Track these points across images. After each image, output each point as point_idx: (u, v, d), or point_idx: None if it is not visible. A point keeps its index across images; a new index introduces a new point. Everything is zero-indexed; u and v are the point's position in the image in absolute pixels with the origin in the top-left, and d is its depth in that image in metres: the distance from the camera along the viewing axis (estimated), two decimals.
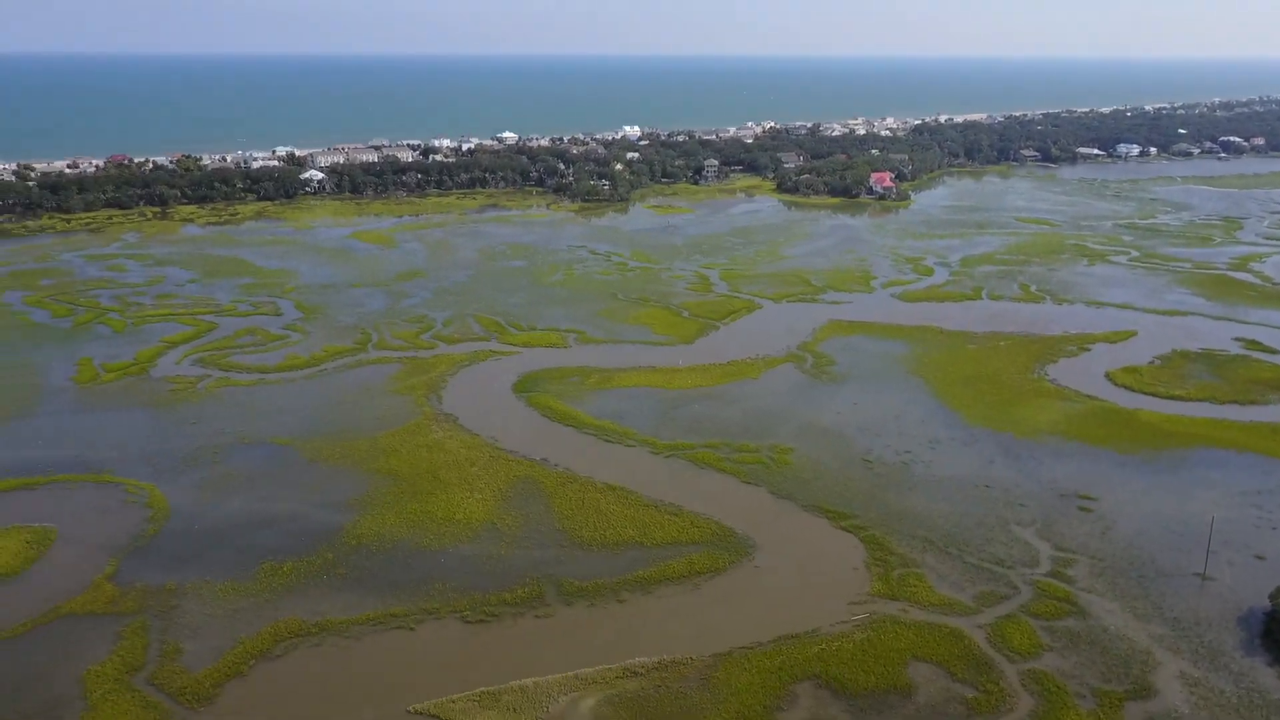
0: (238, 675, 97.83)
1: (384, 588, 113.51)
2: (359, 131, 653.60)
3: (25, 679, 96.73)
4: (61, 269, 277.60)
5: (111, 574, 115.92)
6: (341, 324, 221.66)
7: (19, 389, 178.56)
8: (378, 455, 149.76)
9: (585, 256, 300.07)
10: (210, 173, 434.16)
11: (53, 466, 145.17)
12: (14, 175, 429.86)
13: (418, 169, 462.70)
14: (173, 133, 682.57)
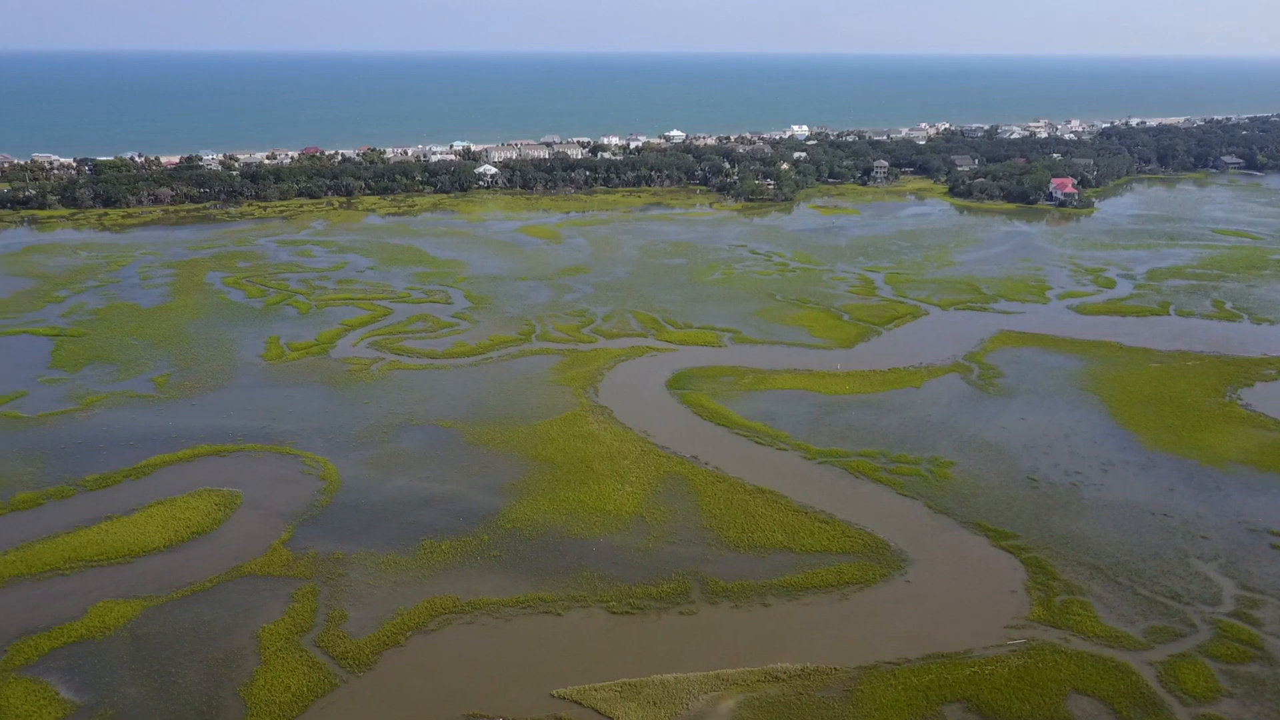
0: (395, 645, 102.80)
1: (535, 572, 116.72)
2: (532, 128, 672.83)
3: (210, 630, 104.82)
4: (257, 253, 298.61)
5: (287, 539, 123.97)
6: (507, 315, 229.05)
7: (217, 363, 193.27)
8: (535, 443, 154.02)
9: (745, 256, 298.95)
10: (392, 165, 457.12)
11: (242, 436, 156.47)
12: (221, 165, 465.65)
13: (586, 166, 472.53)
14: (361, 128, 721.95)
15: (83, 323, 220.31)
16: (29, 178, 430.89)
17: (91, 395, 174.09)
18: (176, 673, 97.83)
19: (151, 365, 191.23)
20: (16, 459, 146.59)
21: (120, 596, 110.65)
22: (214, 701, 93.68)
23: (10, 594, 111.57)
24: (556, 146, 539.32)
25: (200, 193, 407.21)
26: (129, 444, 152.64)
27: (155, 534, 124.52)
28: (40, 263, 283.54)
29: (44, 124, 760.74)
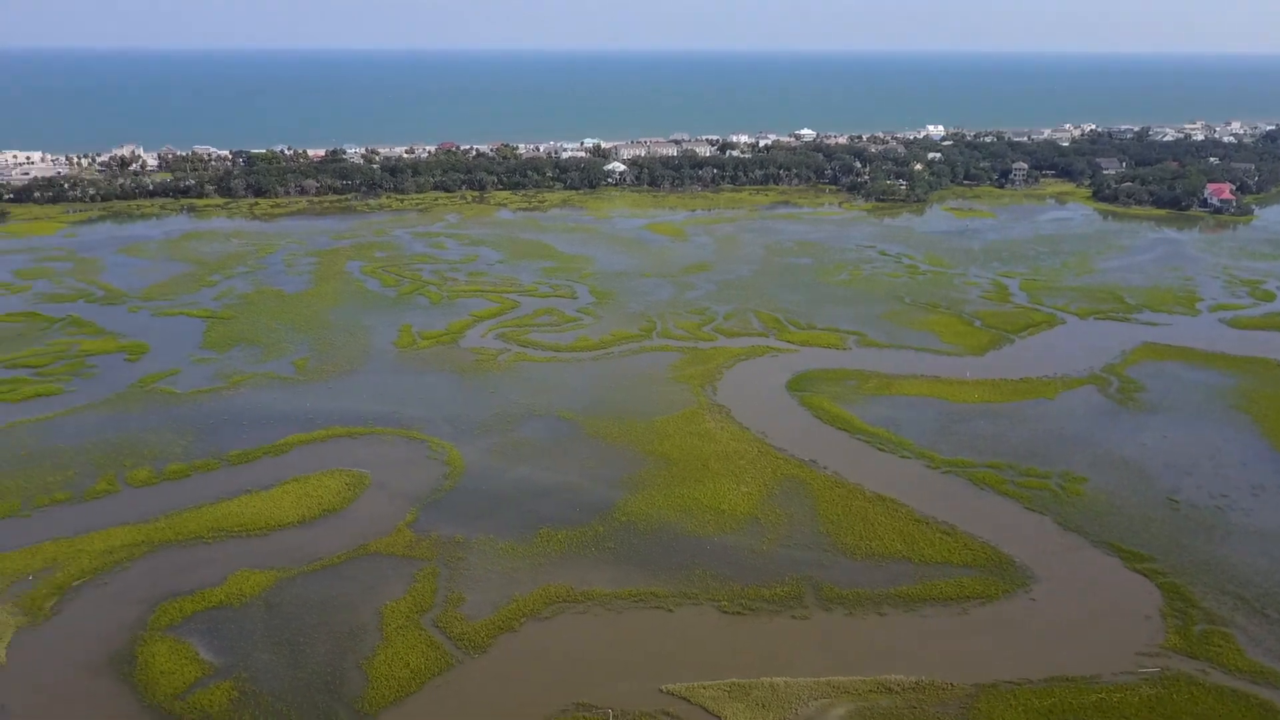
0: (510, 630, 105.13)
1: (648, 567, 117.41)
2: (661, 126, 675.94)
3: (337, 604, 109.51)
4: (393, 244, 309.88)
5: (412, 521, 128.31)
6: (630, 311, 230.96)
7: (352, 348, 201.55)
8: (653, 438, 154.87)
9: (874, 257, 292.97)
10: (524, 161, 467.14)
11: (373, 419, 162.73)
12: (362, 158, 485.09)
13: (714, 164, 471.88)
14: (496, 124, 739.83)
15: (232, 306, 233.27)
16: (189, 168, 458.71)
17: (237, 375, 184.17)
18: (305, 642, 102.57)
19: (292, 349, 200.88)
20: (169, 432, 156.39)
21: (256, 566, 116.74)
22: (338, 673, 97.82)
23: (159, 558, 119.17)
24: (685, 144, 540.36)
25: (343, 185, 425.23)
26: (269, 423, 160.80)
27: (290, 509, 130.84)
28: (196, 248, 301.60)
29: (204, 118, 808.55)
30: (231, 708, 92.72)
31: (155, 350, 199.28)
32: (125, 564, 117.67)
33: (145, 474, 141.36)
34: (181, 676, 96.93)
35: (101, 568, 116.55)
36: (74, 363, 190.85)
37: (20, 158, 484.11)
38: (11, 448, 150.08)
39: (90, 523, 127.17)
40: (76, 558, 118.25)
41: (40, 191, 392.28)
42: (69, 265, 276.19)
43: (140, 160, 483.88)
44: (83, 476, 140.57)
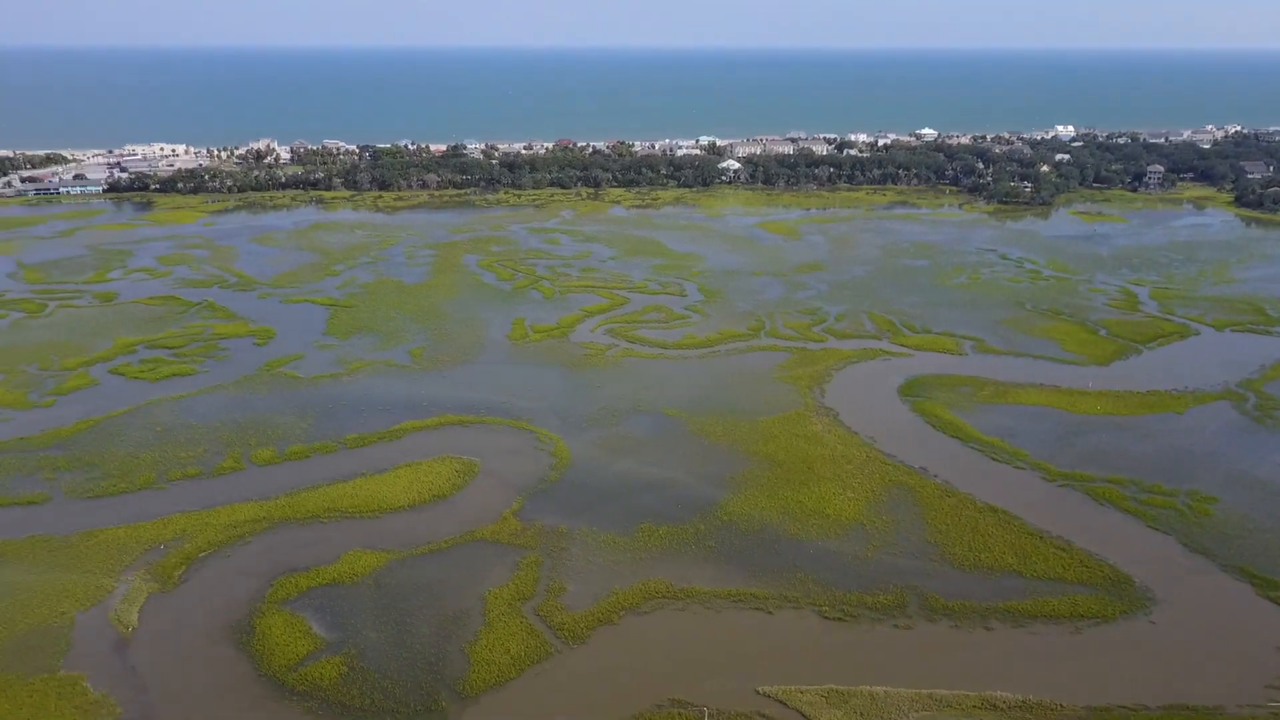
0: (608, 622, 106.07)
1: (748, 568, 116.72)
2: (778, 124, 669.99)
3: (443, 587, 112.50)
4: (509, 238, 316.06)
5: (518, 510, 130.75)
6: (739, 309, 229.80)
7: (468, 339, 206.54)
8: (757, 439, 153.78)
9: (994, 261, 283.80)
10: (639, 159, 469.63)
11: (484, 409, 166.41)
12: (482, 154, 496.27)
13: (830, 162, 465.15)
14: (613, 121, 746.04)
15: (354, 295, 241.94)
16: (319, 162, 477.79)
17: (357, 362, 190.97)
18: (411, 623, 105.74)
19: (409, 338, 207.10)
20: (292, 415, 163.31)
21: (368, 547, 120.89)
22: (441, 655, 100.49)
23: (278, 534, 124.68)
24: (801, 142, 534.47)
25: (463, 179, 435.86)
26: (385, 409, 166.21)
27: (402, 493, 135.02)
28: (323, 239, 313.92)
29: (334, 113, 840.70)
30: (340, 682, 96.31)
31: (282, 336, 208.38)
32: (247, 538, 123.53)
33: (269, 453, 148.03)
34: (295, 649, 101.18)
35: (226, 541, 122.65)
36: (208, 345, 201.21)
37: (166, 150, 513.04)
38: (150, 424, 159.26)
39: (217, 498, 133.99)
40: (204, 530, 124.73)
41: (183, 182, 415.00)
42: (206, 253, 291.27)
43: (274, 154, 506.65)
44: (212, 454, 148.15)
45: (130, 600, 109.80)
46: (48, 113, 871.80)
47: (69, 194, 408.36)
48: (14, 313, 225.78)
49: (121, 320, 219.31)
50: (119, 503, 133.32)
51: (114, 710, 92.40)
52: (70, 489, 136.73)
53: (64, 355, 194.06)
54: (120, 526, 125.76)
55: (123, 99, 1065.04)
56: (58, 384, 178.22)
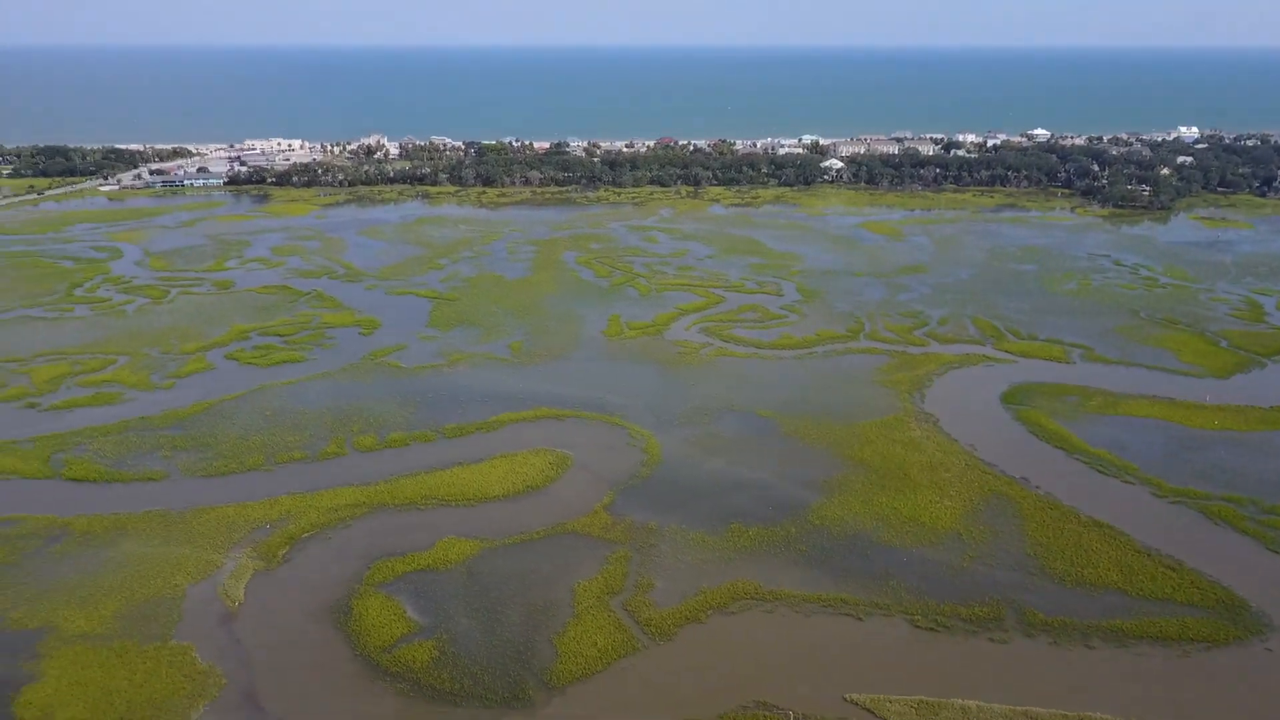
0: (695, 621, 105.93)
1: (840, 573, 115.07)
2: (883, 123, 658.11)
3: (534, 578, 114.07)
4: (608, 236, 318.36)
5: (608, 504, 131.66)
6: (837, 310, 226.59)
7: (564, 335, 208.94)
8: (852, 442, 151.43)
9: (1107, 266, 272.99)
10: (740, 157, 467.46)
11: (578, 403, 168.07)
12: (584, 152, 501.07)
13: (936, 163, 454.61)
14: (714, 119, 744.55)
15: (456, 289, 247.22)
16: (426, 157, 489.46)
17: (457, 353, 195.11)
18: (501, 611, 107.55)
19: (509, 332, 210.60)
20: (393, 403, 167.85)
21: (462, 535, 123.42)
22: (530, 644, 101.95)
23: (377, 519, 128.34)
24: (907, 142, 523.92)
25: (564, 176, 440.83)
26: (483, 400, 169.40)
27: (496, 483, 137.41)
28: (428, 233, 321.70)
29: (441, 110, 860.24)
30: (431, 665, 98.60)
31: (386, 326, 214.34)
32: (348, 522, 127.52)
33: (370, 440, 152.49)
34: (389, 631, 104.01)
35: (328, 523, 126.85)
36: (316, 333, 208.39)
37: (283, 145, 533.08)
38: (260, 408, 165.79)
39: (321, 481, 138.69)
40: (307, 512, 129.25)
41: (297, 176, 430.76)
42: (317, 244, 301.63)
43: (384, 149, 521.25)
44: (317, 438, 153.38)
45: (237, 576, 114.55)
46: (175, 109, 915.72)
47: (192, 186, 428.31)
48: (140, 298, 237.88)
49: (237, 307, 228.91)
50: (230, 482, 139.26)
51: (219, 681, 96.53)
52: (186, 467, 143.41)
53: (183, 340, 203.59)
54: (230, 505, 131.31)
55: (245, 96, 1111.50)
56: (177, 367, 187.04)
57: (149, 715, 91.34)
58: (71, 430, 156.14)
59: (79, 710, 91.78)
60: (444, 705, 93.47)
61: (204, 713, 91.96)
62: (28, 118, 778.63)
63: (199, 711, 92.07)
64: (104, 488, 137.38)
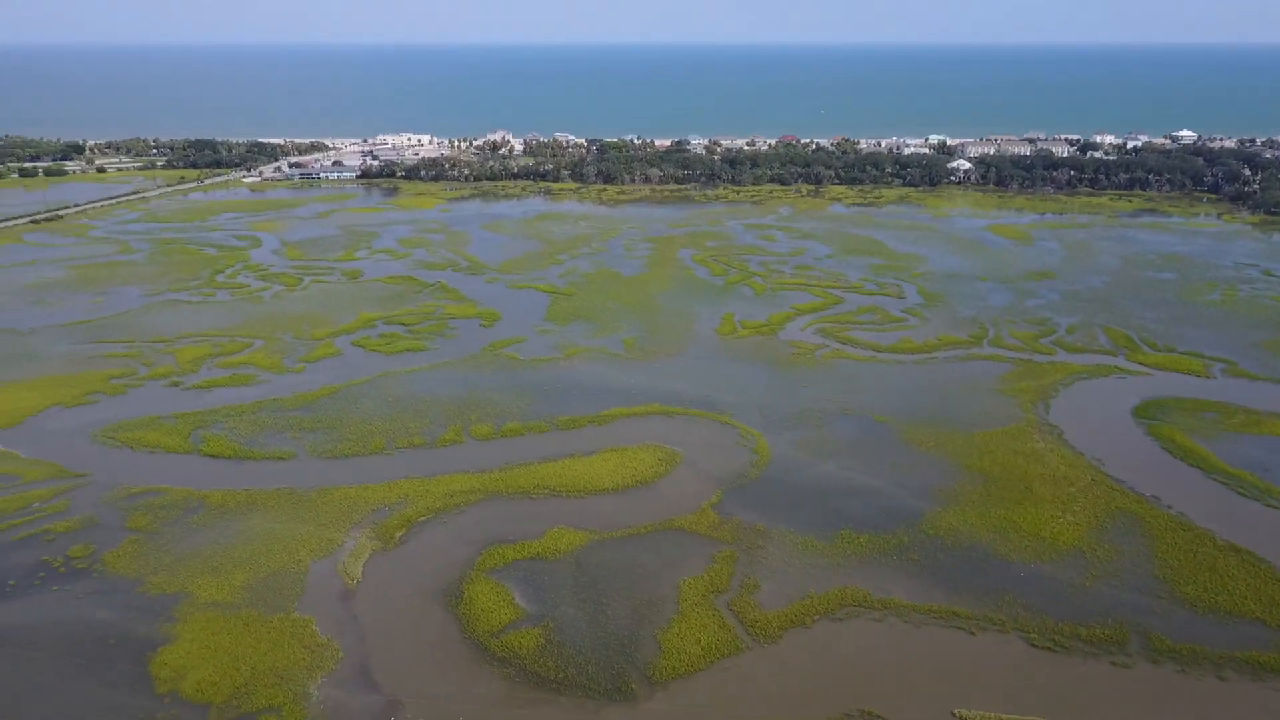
0: (801, 625, 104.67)
1: (952, 585, 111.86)
2: (1014, 123, 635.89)
3: (640, 572, 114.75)
4: (725, 234, 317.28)
5: (716, 503, 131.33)
6: (960, 315, 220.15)
7: (677, 332, 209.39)
8: (971, 452, 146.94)
9: (1255, 277, 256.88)
10: (863, 156, 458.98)
11: (689, 401, 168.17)
12: (704, 150, 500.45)
13: (1071, 165, 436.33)
14: (836, 118, 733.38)
15: (574, 284, 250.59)
16: (549, 154, 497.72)
17: (572, 347, 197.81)
18: (607, 604, 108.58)
19: (623, 327, 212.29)
20: (510, 394, 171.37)
21: (572, 526, 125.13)
22: (634, 638, 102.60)
23: (490, 506, 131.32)
24: (1040, 143, 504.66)
25: (684, 174, 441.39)
26: (596, 394, 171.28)
27: (606, 476, 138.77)
28: (548, 229, 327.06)
29: (563, 107, 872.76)
30: (537, 652, 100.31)
31: (506, 319, 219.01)
32: (463, 507, 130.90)
33: (487, 429, 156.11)
34: (498, 616, 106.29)
35: (443, 508, 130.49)
36: (438, 324, 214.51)
37: (413, 140, 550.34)
38: (384, 394, 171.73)
39: (438, 467, 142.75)
40: (424, 496, 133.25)
41: (425, 170, 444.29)
42: (442, 237, 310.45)
43: (508, 145, 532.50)
44: (436, 425, 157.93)
45: (356, 555, 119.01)
46: (314, 105, 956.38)
47: (328, 179, 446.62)
48: (275, 285, 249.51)
49: (365, 297, 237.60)
50: (353, 464, 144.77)
51: (337, 654, 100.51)
52: (313, 448, 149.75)
53: (314, 326, 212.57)
54: (352, 486, 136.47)
55: (379, 93, 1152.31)
56: (308, 352, 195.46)
57: (271, 683, 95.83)
58: (210, 409, 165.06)
59: (208, 673, 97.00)
60: (548, 692, 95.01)
61: (321, 684, 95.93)
62: (179, 113, 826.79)
63: (316, 682, 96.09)
64: (237, 464, 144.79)
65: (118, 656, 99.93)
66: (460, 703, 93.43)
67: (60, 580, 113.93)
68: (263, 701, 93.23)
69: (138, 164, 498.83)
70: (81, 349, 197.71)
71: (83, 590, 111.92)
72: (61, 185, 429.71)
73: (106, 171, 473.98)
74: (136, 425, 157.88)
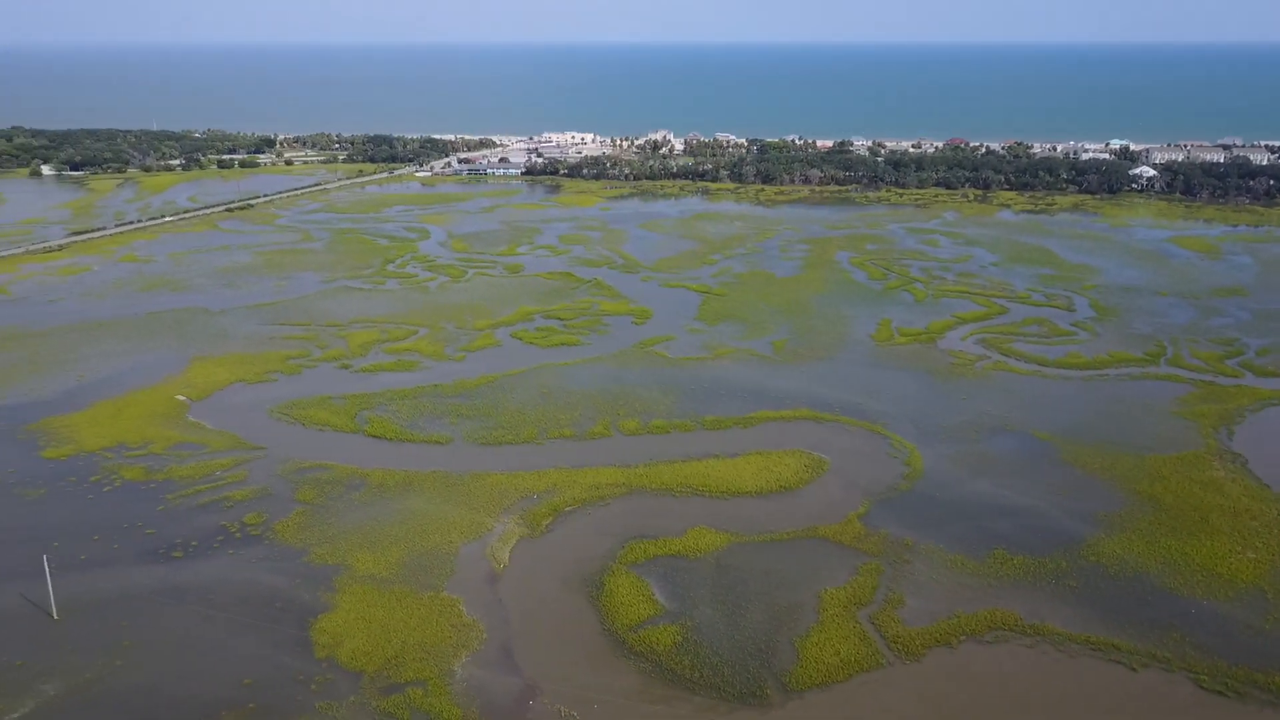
0: (946, 645, 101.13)
1: (1114, 616, 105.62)
2: (1205, 128, 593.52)
3: (780, 578, 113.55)
4: (885, 237, 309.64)
5: (862, 514, 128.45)
6: (1135, 331, 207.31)
7: (829, 336, 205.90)
8: (1141, 477, 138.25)
9: None
10: (1036, 161, 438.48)
11: (839, 407, 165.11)
12: (868, 151, 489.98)
13: (1271, 174, 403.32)
14: (1010, 119, 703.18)
15: (726, 284, 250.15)
16: (709, 154, 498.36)
17: (721, 348, 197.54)
18: (745, 607, 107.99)
19: (774, 329, 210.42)
20: (658, 391, 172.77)
21: (713, 526, 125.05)
22: (771, 643, 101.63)
23: (634, 501, 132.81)
24: (1236, 150, 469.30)
25: (845, 175, 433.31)
26: (743, 395, 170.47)
27: (750, 479, 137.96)
28: (704, 228, 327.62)
29: (725, 106, 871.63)
30: (674, 650, 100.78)
31: (657, 317, 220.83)
32: (607, 500, 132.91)
33: (634, 425, 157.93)
34: (637, 611, 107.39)
35: (588, 500, 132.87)
36: (592, 320, 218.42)
37: (576, 138, 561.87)
38: (537, 385, 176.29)
39: (586, 459, 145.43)
40: (571, 487, 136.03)
41: (587, 169, 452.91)
42: (600, 235, 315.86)
43: (669, 144, 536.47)
44: (585, 418, 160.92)
45: (504, 540, 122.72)
46: (484, 103, 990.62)
47: (494, 175, 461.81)
48: (441, 276, 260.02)
49: (524, 290, 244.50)
50: (505, 452, 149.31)
51: (481, 635, 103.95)
52: (468, 434, 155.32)
53: (476, 317, 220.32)
54: (503, 473, 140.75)
55: (545, 91, 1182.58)
56: (469, 341, 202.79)
57: (419, 657, 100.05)
58: (375, 391, 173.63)
59: (361, 643, 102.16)
60: (682, 690, 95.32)
61: (465, 662, 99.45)
62: (360, 110, 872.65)
63: (461, 660, 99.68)
64: (398, 446, 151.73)
65: (283, 620, 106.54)
66: (596, 693, 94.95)
67: (236, 545, 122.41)
68: (411, 674, 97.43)
69: (321, 157, 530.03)
70: (264, 330, 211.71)
71: (255, 556, 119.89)
72: (254, 176, 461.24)
73: (293, 164, 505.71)
74: (309, 404, 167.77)
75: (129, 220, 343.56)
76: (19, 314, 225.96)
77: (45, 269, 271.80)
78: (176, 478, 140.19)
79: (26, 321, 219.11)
